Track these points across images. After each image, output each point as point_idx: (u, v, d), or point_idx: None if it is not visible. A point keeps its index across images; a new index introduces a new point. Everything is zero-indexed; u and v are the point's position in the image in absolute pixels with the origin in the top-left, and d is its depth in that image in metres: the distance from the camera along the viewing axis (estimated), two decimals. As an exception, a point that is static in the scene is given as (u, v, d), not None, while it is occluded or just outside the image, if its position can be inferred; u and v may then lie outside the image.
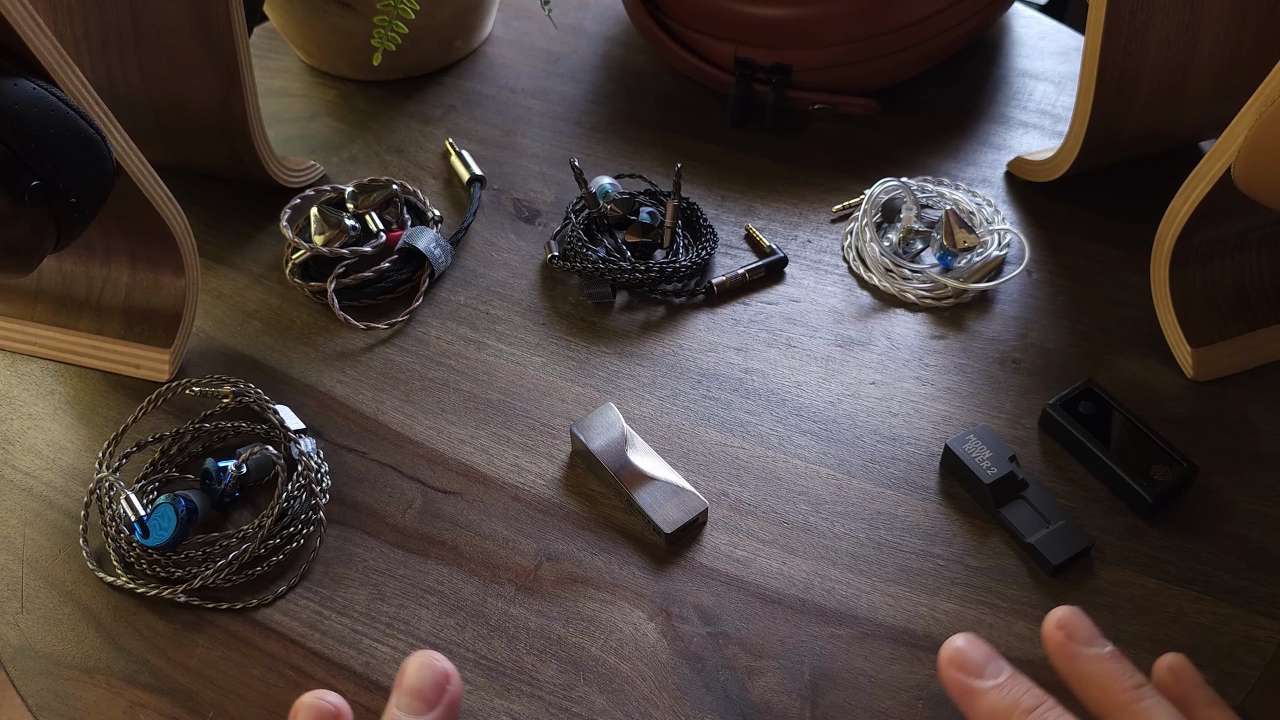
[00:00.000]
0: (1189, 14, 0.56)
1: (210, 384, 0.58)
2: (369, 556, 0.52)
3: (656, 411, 0.58)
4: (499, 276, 0.66)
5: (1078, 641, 0.35)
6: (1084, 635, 0.35)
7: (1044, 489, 0.53)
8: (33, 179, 0.45)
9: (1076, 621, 0.36)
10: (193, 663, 0.49)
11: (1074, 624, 0.35)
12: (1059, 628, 0.36)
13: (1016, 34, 0.81)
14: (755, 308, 0.63)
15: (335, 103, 0.78)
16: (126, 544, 0.52)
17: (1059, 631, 0.35)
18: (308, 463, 0.54)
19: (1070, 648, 0.35)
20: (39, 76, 0.48)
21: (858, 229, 0.66)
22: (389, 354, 0.62)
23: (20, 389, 0.61)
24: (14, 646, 0.50)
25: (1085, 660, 0.35)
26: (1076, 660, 0.35)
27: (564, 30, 0.83)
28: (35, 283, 0.62)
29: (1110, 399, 0.55)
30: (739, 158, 0.72)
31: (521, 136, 0.75)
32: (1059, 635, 0.35)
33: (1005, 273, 0.64)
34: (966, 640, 0.36)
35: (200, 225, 0.67)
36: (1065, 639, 0.35)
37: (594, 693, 0.47)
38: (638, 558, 0.52)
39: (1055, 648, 0.36)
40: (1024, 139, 0.73)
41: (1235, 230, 0.58)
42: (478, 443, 0.57)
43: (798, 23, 0.69)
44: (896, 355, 0.60)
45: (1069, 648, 0.35)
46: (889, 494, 0.54)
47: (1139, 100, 0.60)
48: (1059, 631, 0.35)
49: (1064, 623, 0.36)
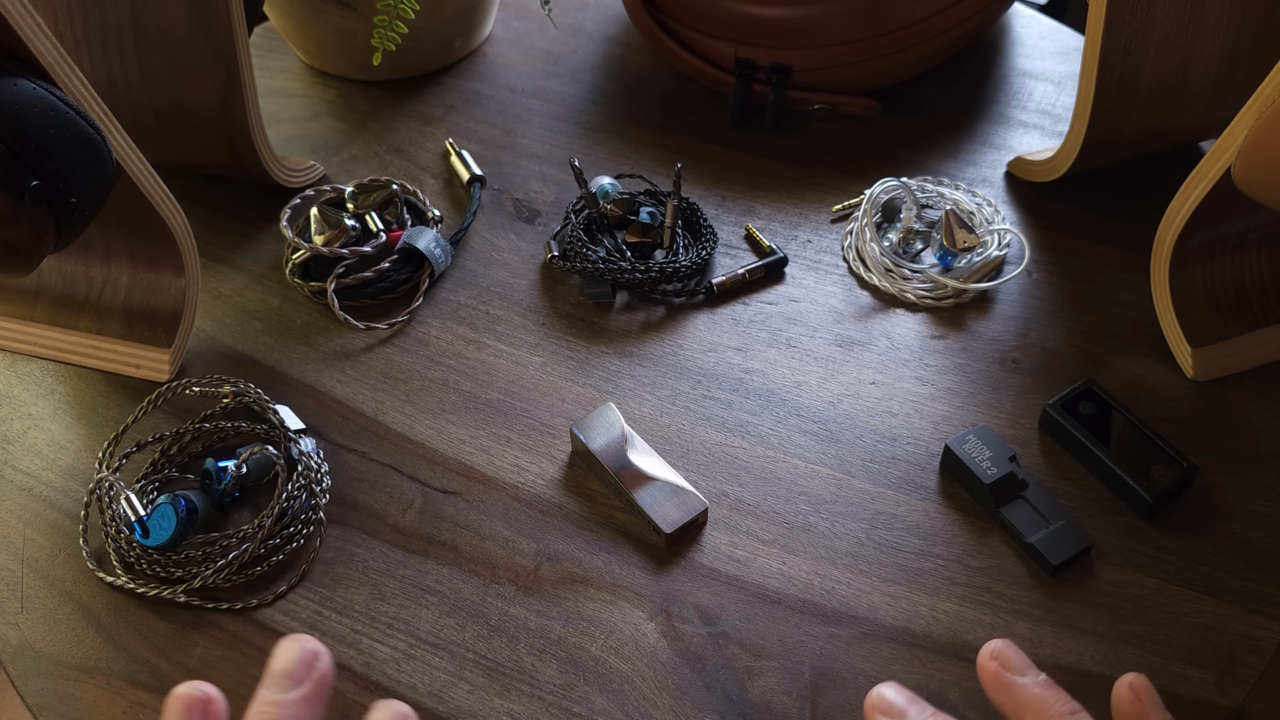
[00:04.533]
0: (1189, 14, 0.56)
1: (210, 384, 0.58)
2: (369, 556, 0.52)
3: (656, 411, 0.58)
4: (499, 276, 0.66)
5: (1011, 671, 0.36)
6: (1017, 665, 0.36)
7: (1044, 489, 0.53)
8: (33, 179, 0.45)
9: (1009, 652, 0.37)
10: (193, 663, 0.49)
11: (1006, 654, 0.37)
12: (992, 658, 0.37)
13: (1016, 34, 0.81)
14: (755, 308, 0.63)
15: (335, 103, 0.78)
16: (126, 544, 0.52)
17: (992, 662, 0.37)
18: (308, 463, 0.54)
19: (1004, 677, 0.36)
20: (39, 76, 0.48)
21: (858, 229, 0.66)
22: (389, 354, 0.62)
23: (20, 389, 0.61)
24: (14, 646, 0.50)
25: (1019, 689, 0.36)
26: (1011, 689, 0.36)
27: (564, 30, 0.83)
28: (35, 283, 0.62)
29: (1110, 399, 0.55)
30: (739, 158, 0.72)
31: (521, 136, 0.75)
32: (992, 665, 0.36)
33: (1005, 273, 0.64)
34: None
35: (200, 225, 0.67)
36: (999, 669, 0.36)
37: (594, 693, 0.47)
38: (638, 558, 0.52)
39: (990, 678, 0.36)
40: (1024, 139, 0.73)
41: (1235, 230, 0.58)
42: (478, 443, 0.57)
43: (798, 23, 0.69)
44: (896, 355, 0.60)
45: (1003, 677, 0.36)
46: (889, 494, 0.54)
47: (1139, 100, 0.60)
48: (992, 662, 0.37)
49: (997, 654, 0.37)
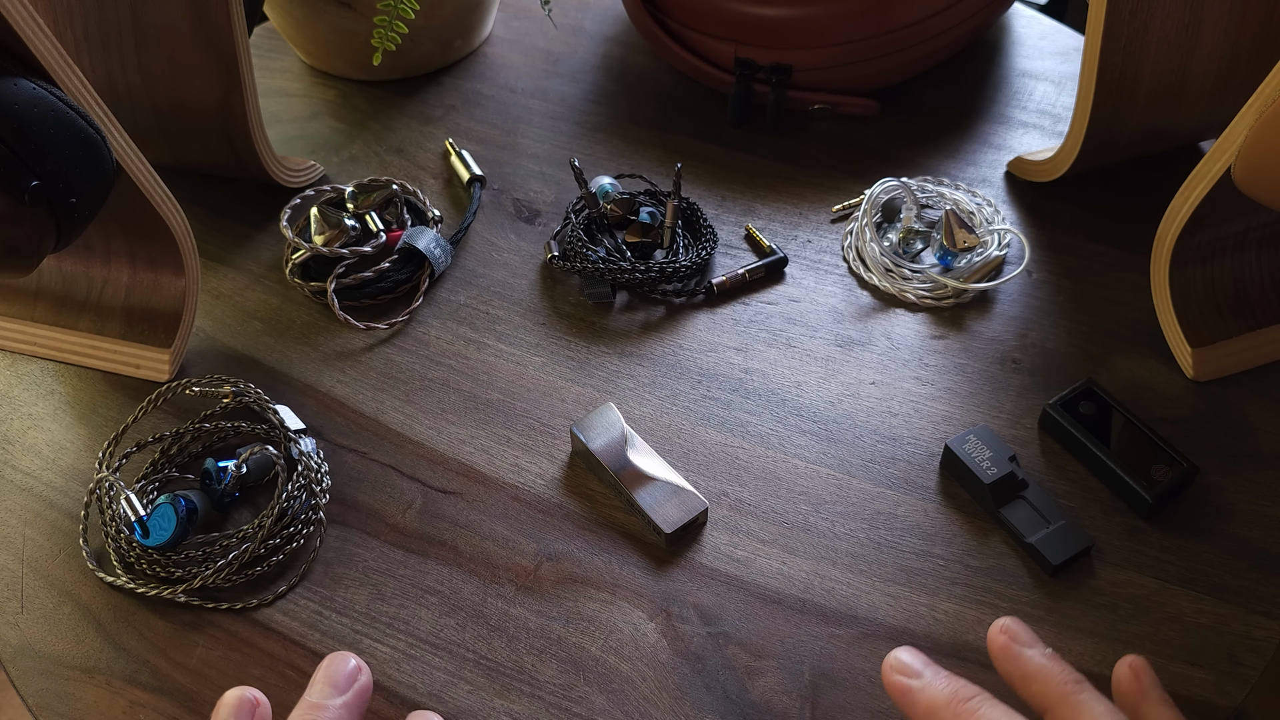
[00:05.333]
0: (1189, 14, 0.56)
1: (210, 384, 0.58)
2: (369, 556, 0.52)
3: (656, 411, 0.58)
4: (499, 276, 0.66)
5: (1020, 644, 0.39)
6: (1025, 639, 0.39)
7: (1044, 489, 0.53)
8: (33, 179, 0.45)
9: (1017, 628, 0.40)
10: (193, 663, 0.49)
11: (1015, 629, 0.40)
12: (1001, 632, 0.40)
13: (1016, 34, 0.81)
14: (755, 308, 0.63)
15: (335, 103, 0.78)
16: (126, 544, 0.52)
17: (1002, 635, 0.40)
18: (308, 463, 0.54)
19: (1013, 649, 0.39)
20: (39, 76, 0.48)
21: (858, 229, 0.66)
22: (389, 354, 0.62)
23: (20, 389, 0.61)
24: (14, 646, 0.50)
25: (1026, 660, 0.38)
26: (1019, 660, 0.38)
27: (564, 30, 0.83)
28: (35, 283, 0.62)
29: (1110, 399, 0.55)
30: (739, 158, 0.72)
31: (521, 136, 0.75)
32: (1002, 639, 0.39)
33: (1005, 273, 0.64)
34: (906, 650, 0.40)
35: (200, 225, 0.67)
36: (1008, 641, 0.39)
37: (594, 693, 0.47)
38: (638, 558, 0.52)
39: (999, 649, 0.39)
40: (1024, 139, 0.73)
41: (1235, 230, 0.58)
42: (478, 443, 0.57)
43: (798, 23, 0.69)
44: (896, 355, 0.60)
45: (1011, 649, 0.39)
46: (889, 494, 0.54)
47: (1139, 100, 0.60)
48: (1002, 635, 0.40)
49: (1006, 629, 0.40)
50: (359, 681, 0.40)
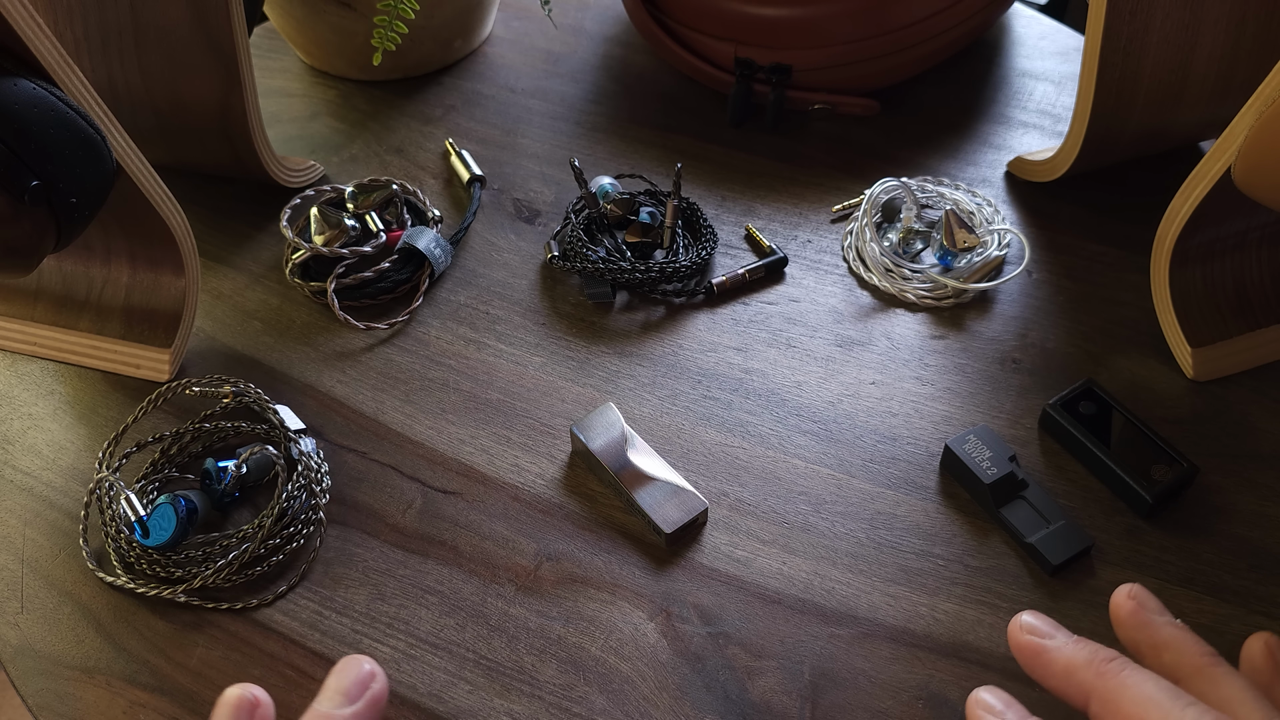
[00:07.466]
0: (1189, 14, 0.56)
1: (210, 384, 0.58)
2: (369, 556, 0.52)
3: (656, 411, 0.58)
4: (499, 276, 0.66)
5: (1149, 611, 0.36)
6: (1154, 606, 0.37)
7: (1044, 489, 0.53)
8: (33, 179, 0.45)
9: (1145, 594, 0.37)
10: (193, 663, 0.49)
11: (1143, 596, 0.37)
12: (1130, 598, 0.37)
13: (1016, 34, 0.81)
14: (755, 308, 0.63)
15: (335, 103, 0.78)
16: (126, 544, 0.52)
17: (1130, 600, 0.37)
18: (308, 463, 0.54)
19: (1144, 615, 0.36)
20: (39, 76, 0.48)
21: (858, 229, 0.66)
22: (389, 354, 0.62)
23: (20, 389, 0.61)
24: (14, 646, 0.50)
25: (1159, 627, 0.36)
26: (1150, 628, 0.36)
27: (564, 30, 0.83)
28: (35, 283, 0.62)
29: (1110, 399, 0.55)
30: (739, 158, 0.72)
31: (521, 136, 0.75)
32: (1130, 604, 0.37)
33: (1005, 273, 0.64)
34: (1032, 613, 0.37)
35: (200, 225, 0.67)
36: (1138, 607, 0.37)
37: (594, 693, 0.47)
38: (638, 558, 0.52)
39: (1128, 615, 0.37)
40: (1024, 139, 0.73)
41: (1235, 230, 0.58)
42: (478, 443, 0.57)
43: (798, 23, 0.69)
44: (896, 355, 0.60)
45: (1142, 615, 0.36)
46: (889, 494, 0.54)
47: (1139, 100, 0.60)
48: (1130, 600, 0.37)
49: (1134, 594, 0.37)
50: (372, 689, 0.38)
